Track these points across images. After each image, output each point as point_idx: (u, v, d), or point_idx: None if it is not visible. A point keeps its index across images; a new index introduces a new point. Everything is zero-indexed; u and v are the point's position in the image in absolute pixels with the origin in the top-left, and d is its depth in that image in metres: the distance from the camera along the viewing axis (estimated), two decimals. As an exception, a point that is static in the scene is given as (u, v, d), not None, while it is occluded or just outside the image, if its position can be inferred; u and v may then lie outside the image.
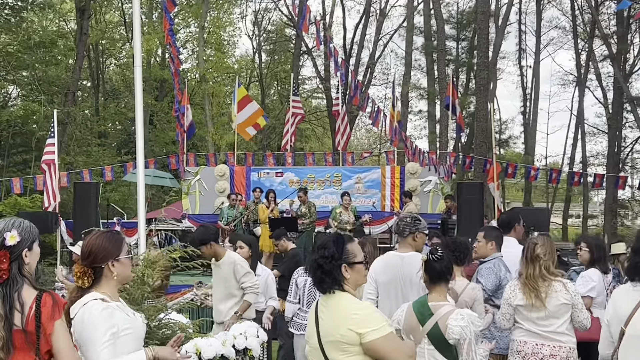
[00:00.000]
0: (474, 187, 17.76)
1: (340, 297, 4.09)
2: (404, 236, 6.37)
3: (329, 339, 4.02)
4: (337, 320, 4.01)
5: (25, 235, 3.77)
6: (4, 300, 3.60)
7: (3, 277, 3.65)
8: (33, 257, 3.82)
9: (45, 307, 3.59)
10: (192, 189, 22.19)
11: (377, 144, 49.65)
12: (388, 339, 3.95)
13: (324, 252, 4.15)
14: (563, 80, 43.52)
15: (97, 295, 3.90)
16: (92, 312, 3.80)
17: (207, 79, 35.46)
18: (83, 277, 3.94)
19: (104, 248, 3.99)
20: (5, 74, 34.53)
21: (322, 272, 4.11)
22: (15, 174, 29.34)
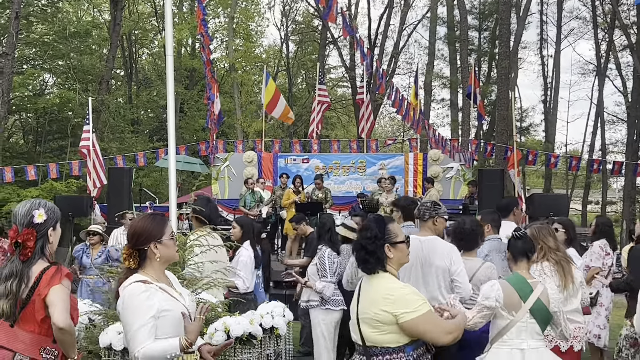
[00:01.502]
0: (494, 173, 18.11)
1: (381, 278, 4.17)
2: (424, 220, 6.45)
3: (364, 316, 4.13)
4: (372, 300, 4.10)
5: (50, 215, 3.96)
6: (19, 276, 3.78)
7: (28, 255, 3.81)
8: (56, 236, 4.00)
9: (45, 275, 3.75)
10: (222, 175, 22.70)
11: (400, 131, 49.98)
12: (425, 318, 4.02)
13: (366, 233, 4.23)
14: (583, 70, 43.56)
15: (139, 277, 3.89)
16: (131, 294, 3.78)
17: (236, 68, 36.09)
18: (129, 259, 3.92)
19: (146, 230, 3.95)
20: (42, 63, 35.24)
21: (365, 253, 4.19)
22: (51, 159, 30.08)
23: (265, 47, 46.95)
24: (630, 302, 7.42)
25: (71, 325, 3.70)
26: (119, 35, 34.84)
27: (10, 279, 3.75)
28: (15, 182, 27.01)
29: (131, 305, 3.76)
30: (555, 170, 38.73)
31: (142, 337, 3.72)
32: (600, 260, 8.60)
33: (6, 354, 3.67)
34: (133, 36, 43.69)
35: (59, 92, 34.44)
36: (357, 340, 4.23)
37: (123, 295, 3.80)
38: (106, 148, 30.81)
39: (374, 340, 4.09)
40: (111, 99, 34.31)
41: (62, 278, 3.74)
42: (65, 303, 3.70)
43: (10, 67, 24.73)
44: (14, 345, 3.69)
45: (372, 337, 4.09)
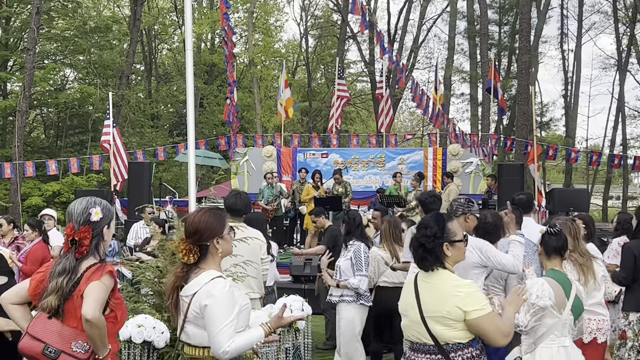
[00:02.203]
0: (514, 168, 18.10)
1: (442, 274, 4.17)
2: (456, 215, 6.41)
3: (433, 314, 4.08)
4: (441, 297, 4.08)
5: (105, 213, 3.93)
6: (70, 273, 3.77)
7: (84, 253, 3.80)
8: (109, 234, 3.97)
9: (88, 272, 3.73)
10: (241, 169, 22.73)
11: (420, 126, 49.90)
12: (490, 318, 4.05)
13: (425, 231, 4.22)
14: (604, 64, 43.31)
15: (215, 273, 3.92)
16: (219, 290, 3.82)
17: (256, 63, 36.16)
18: (189, 254, 3.88)
19: (211, 226, 3.95)
20: (62, 58, 35.57)
21: (424, 251, 4.19)
22: (72, 154, 30.39)
23: (285, 42, 47.07)
24: (625, 296, 7.59)
25: (100, 319, 3.64)
26: (139, 31, 35.04)
27: (62, 276, 3.75)
28: (37, 176, 27.25)
29: (222, 301, 3.81)
30: (575, 166, 38.52)
31: (231, 332, 3.79)
32: (618, 257, 8.56)
33: (37, 345, 3.69)
34: (153, 31, 43.90)
35: (79, 87, 34.80)
36: (418, 339, 4.18)
37: (208, 291, 3.83)
38: (126, 143, 30.99)
39: (448, 338, 4.07)
40: (131, 94, 34.55)
41: (102, 275, 3.71)
42: (97, 297, 3.66)
43: (31, 62, 24.93)
44: (47, 337, 3.70)
45: (446, 334, 4.07)
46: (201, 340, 3.94)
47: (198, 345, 3.96)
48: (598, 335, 6.26)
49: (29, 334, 3.73)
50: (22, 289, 3.93)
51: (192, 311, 3.90)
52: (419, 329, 4.15)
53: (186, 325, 3.96)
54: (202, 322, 3.90)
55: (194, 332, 3.95)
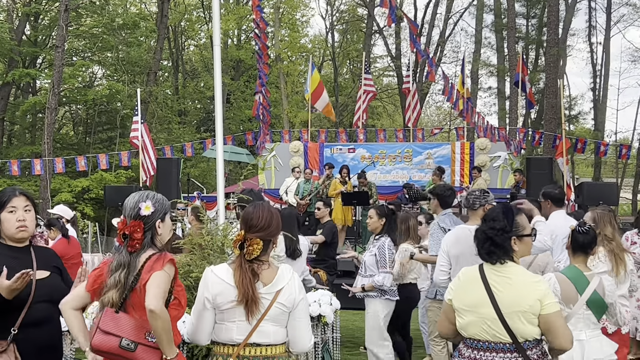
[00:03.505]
0: (543, 162, 18.00)
1: (517, 269, 4.09)
2: (474, 209, 6.56)
3: (514, 309, 3.96)
4: (523, 291, 3.98)
5: (158, 207, 3.88)
6: (128, 267, 3.77)
7: (136, 247, 3.78)
8: (165, 228, 3.92)
9: (149, 262, 3.72)
10: (268, 165, 22.82)
11: (447, 120, 49.69)
12: (560, 315, 4.03)
13: (494, 224, 4.14)
14: (633, 57, 42.72)
15: (289, 266, 4.02)
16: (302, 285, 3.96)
17: (282, 59, 36.21)
18: (257, 248, 3.87)
19: (278, 223, 4.00)
20: (91, 55, 35.87)
21: (491, 244, 4.10)
22: (101, 150, 30.60)
23: (311, 37, 47.07)
24: None
25: (162, 309, 3.61)
26: (166, 27, 35.22)
27: (119, 270, 3.75)
28: (66, 172, 27.50)
29: (307, 297, 3.92)
30: (604, 159, 38.18)
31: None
32: None
33: (113, 340, 3.68)
34: (179, 28, 44.09)
35: (107, 84, 35.07)
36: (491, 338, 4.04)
37: (299, 286, 3.92)
38: (154, 139, 31.18)
39: (528, 334, 3.98)
40: (159, 91, 34.74)
41: (164, 264, 3.70)
42: (159, 288, 3.64)
43: (60, 59, 25.14)
44: (121, 330, 3.67)
45: (526, 330, 3.97)
46: (276, 338, 3.91)
47: (272, 344, 3.92)
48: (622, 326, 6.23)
49: (101, 329, 3.70)
50: (79, 290, 3.92)
51: (278, 307, 3.88)
52: (493, 326, 4.00)
53: (263, 324, 3.88)
54: (284, 318, 3.91)
55: (270, 330, 3.91)
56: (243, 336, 3.88)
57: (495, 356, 3.99)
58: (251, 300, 3.82)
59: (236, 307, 3.85)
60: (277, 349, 3.92)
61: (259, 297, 3.84)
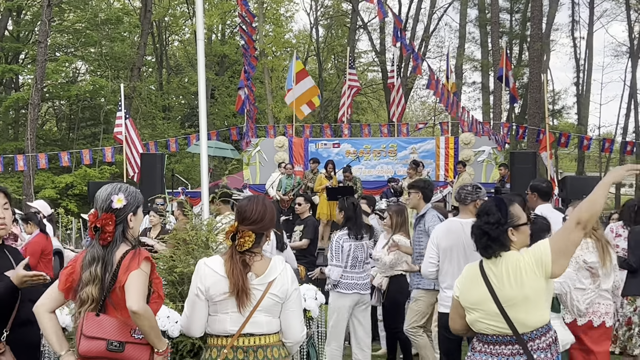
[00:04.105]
0: (526, 156, 18.03)
1: (507, 257, 4.07)
2: (465, 204, 6.65)
3: (514, 300, 3.98)
4: (517, 279, 3.99)
5: (130, 200, 3.84)
6: (103, 262, 3.71)
7: (107, 240, 3.74)
8: (137, 221, 3.90)
9: (124, 261, 3.68)
10: (253, 160, 22.75)
11: (431, 115, 49.80)
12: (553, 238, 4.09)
13: (488, 219, 4.12)
14: (616, 52, 43.14)
15: (281, 258, 4.05)
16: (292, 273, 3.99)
17: (267, 54, 36.15)
18: (248, 240, 3.90)
19: (272, 217, 4.02)
20: (74, 50, 35.70)
21: (488, 239, 4.09)
22: (84, 146, 30.50)
23: (295, 32, 46.98)
24: (627, 281, 7.70)
25: (146, 309, 3.63)
26: (150, 22, 35.07)
27: (93, 264, 3.71)
28: (50, 168, 27.38)
29: (299, 288, 3.97)
30: (588, 153, 38.40)
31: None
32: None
33: (100, 343, 3.66)
34: (163, 23, 43.90)
35: (91, 79, 34.90)
36: (494, 331, 4.08)
37: (289, 276, 3.95)
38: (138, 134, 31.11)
39: (531, 323, 4.01)
40: (142, 86, 34.62)
41: (140, 262, 3.67)
42: (138, 288, 3.63)
43: (43, 54, 25.01)
44: (106, 333, 3.65)
45: (529, 319, 4.00)
46: (269, 328, 3.95)
47: (266, 333, 3.94)
48: (606, 319, 6.38)
49: (86, 335, 3.67)
50: (53, 291, 3.88)
51: (271, 298, 3.91)
52: (497, 320, 4.04)
53: (256, 315, 3.91)
54: (277, 309, 3.94)
55: (264, 320, 3.93)
56: (236, 327, 3.91)
57: (504, 348, 4.04)
58: (242, 290, 3.85)
59: (229, 299, 3.88)
60: (271, 338, 3.96)
61: (250, 288, 3.86)
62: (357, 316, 8.03)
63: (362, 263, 8.00)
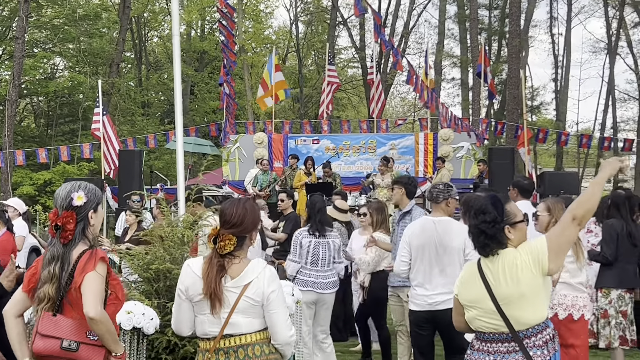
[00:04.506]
0: (505, 152, 18.15)
1: (505, 255, 4.07)
2: (437, 202, 6.70)
3: (510, 298, 4.00)
4: (512, 277, 4.01)
5: (91, 197, 3.82)
6: (61, 260, 3.70)
7: (68, 238, 3.72)
8: (97, 219, 3.88)
9: (80, 262, 3.66)
10: (232, 156, 22.71)
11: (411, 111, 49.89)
12: (549, 235, 4.09)
13: (484, 217, 4.09)
14: (594, 48, 43.33)
15: (262, 261, 4.01)
16: (277, 276, 3.96)
17: (246, 50, 36.08)
18: (228, 244, 3.88)
19: (253, 219, 4.00)
20: (52, 46, 35.42)
21: (485, 237, 4.08)
22: (63, 142, 30.26)
23: (275, 28, 46.91)
24: (601, 274, 7.84)
25: (102, 315, 3.63)
26: (129, 18, 34.89)
27: (52, 263, 3.70)
28: (28, 165, 27.17)
29: (282, 289, 3.95)
30: (566, 149, 38.63)
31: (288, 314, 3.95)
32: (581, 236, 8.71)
33: (54, 342, 3.64)
34: (142, 19, 43.67)
35: (69, 76, 34.68)
36: (492, 329, 4.10)
37: (272, 278, 3.92)
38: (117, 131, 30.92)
39: (527, 320, 4.03)
40: (121, 82, 34.44)
41: (96, 263, 3.64)
42: (94, 292, 3.62)
43: (20, 50, 24.82)
44: (61, 332, 3.66)
45: (525, 317, 4.03)
46: (249, 328, 3.94)
47: (246, 333, 3.94)
48: (585, 312, 6.42)
49: (41, 333, 3.66)
50: (18, 294, 3.87)
51: (246, 301, 3.89)
52: (493, 318, 4.07)
53: (233, 317, 3.91)
54: (256, 311, 3.92)
55: (242, 322, 3.93)
56: (215, 329, 3.93)
57: (501, 346, 4.06)
58: (213, 293, 3.86)
59: (204, 300, 3.90)
60: (252, 336, 3.95)
61: (222, 292, 3.87)
62: (319, 314, 7.98)
63: (325, 261, 7.93)
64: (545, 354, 4.02)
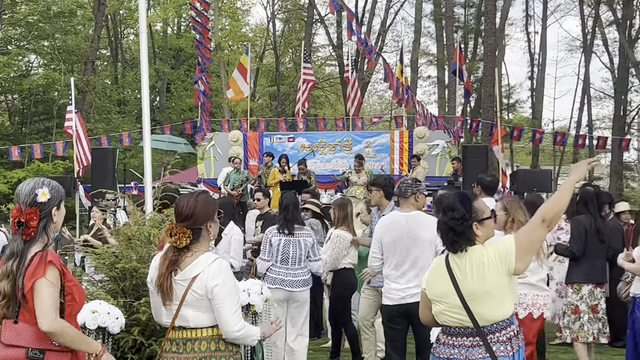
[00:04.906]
0: (479, 150, 18.27)
1: (473, 251, 4.16)
2: (406, 197, 6.72)
3: (476, 294, 4.07)
4: (479, 274, 4.08)
5: (54, 194, 3.77)
6: (20, 257, 3.63)
7: (31, 235, 3.66)
8: (60, 216, 3.83)
9: (32, 265, 3.58)
10: (207, 154, 22.65)
11: (388, 109, 50.00)
12: (519, 235, 4.18)
13: (453, 214, 4.17)
14: (570, 46, 43.67)
15: (214, 254, 4.02)
16: (226, 270, 3.94)
17: (223, 48, 35.95)
18: (182, 238, 3.93)
19: (205, 210, 4.02)
20: (26, 43, 35.15)
21: (454, 234, 4.16)
22: (37, 140, 30.06)
23: (252, 26, 46.80)
24: (571, 270, 7.92)
25: (59, 326, 3.55)
26: (104, 15, 34.65)
27: (11, 259, 3.64)
28: (1, 164, 26.93)
29: (231, 283, 3.91)
30: (542, 147, 38.86)
31: (240, 313, 3.94)
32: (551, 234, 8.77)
33: (19, 351, 3.57)
34: (118, 16, 43.42)
35: (44, 73, 34.43)
36: (457, 324, 4.17)
37: (218, 272, 3.90)
38: (92, 129, 30.78)
39: (491, 317, 4.09)
40: (97, 80, 34.23)
41: (46, 269, 3.55)
42: (47, 302, 3.53)
43: (-7, 48, 24.59)
44: (24, 341, 3.58)
45: (490, 313, 4.09)
46: (202, 322, 3.97)
47: (195, 327, 3.98)
48: (544, 311, 6.46)
49: (4, 343, 3.59)
50: None
51: (192, 294, 3.92)
52: (458, 313, 4.14)
53: (183, 310, 3.96)
54: (204, 304, 3.93)
55: (192, 315, 3.97)
56: (169, 320, 4.03)
57: (465, 340, 4.14)
58: (162, 286, 3.96)
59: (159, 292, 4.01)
60: (201, 332, 3.99)
61: (171, 285, 3.95)
62: (290, 313, 7.94)
63: (295, 259, 7.86)
64: (509, 350, 4.09)
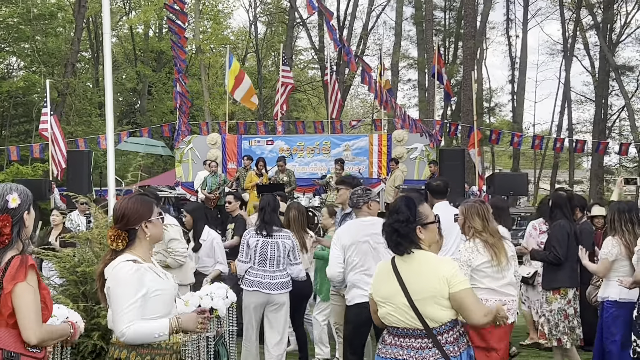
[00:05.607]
0: (455, 153, 18.35)
1: (423, 255, 4.23)
2: (359, 207, 6.80)
3: (423, 295, 4.13)
4: (428, 276, 4.15)
5: (24, 198, 3.75)
6: None
7: (5, 242, 3.63)
8: (31, 220, 3.81)
9: (10, 268, 3.55)
10: (185, 157, 22.58)
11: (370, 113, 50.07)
12: (471, 292, 4.20)
13: (398, 217, 4.26)
14: (551, 50, 43.90)
15: (129, 256, 3.95)
16: (123, 273, 3.86)
17: (204, 50, 35.92)
18: (117, 240, 3.96)
19: (137, 210, 4.02)
20: (6, 45, 34.91)
21: (398, 236, 4.23)
22: (17, 143, 29.85)
23: (234, 29, 46.73)
24: (554, 275, 7.87)
25: (43, 335, 3.60)
26: (85, 18, 34.48)
27: None
28: (-21, 167, 26.75)
29: (123, 283, 3.85)
30: (523, 150, 39.02)
31: (131, 315, 3.81)
32: (534, 239, 8.81)
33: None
34: (99, 18, 43.18)
35: (24, 76, 34.20)
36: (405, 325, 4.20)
37: (114, 274, 3.88)
38: (72, 132, 30.62)
39: (439, 318, 4.14)
40: (77, 82, 34.03)
41: (27, 272, 3.55)
42: (31, 310, 3.54)
43: (-28, 50, 24.44)
44: (1, 343, 3.57)
45: (437, 315, 4.14)
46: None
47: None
48: (509, 316, 6.26)
49: None
50: None
51: (107, 295, 3.98)
52: (407, 314, 4.18)
53: (109, 312, 4.03)
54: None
55: (109, 316, 4.03)
56: None
57: (414, 342, 4.18)
58: (99, 289, 4.07)
59: None
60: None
61: (102, 287, 4.04)
62: (268, 316, 7.88)
63: (273, 261, 7.79)
64: (456, 350, 4.17)
